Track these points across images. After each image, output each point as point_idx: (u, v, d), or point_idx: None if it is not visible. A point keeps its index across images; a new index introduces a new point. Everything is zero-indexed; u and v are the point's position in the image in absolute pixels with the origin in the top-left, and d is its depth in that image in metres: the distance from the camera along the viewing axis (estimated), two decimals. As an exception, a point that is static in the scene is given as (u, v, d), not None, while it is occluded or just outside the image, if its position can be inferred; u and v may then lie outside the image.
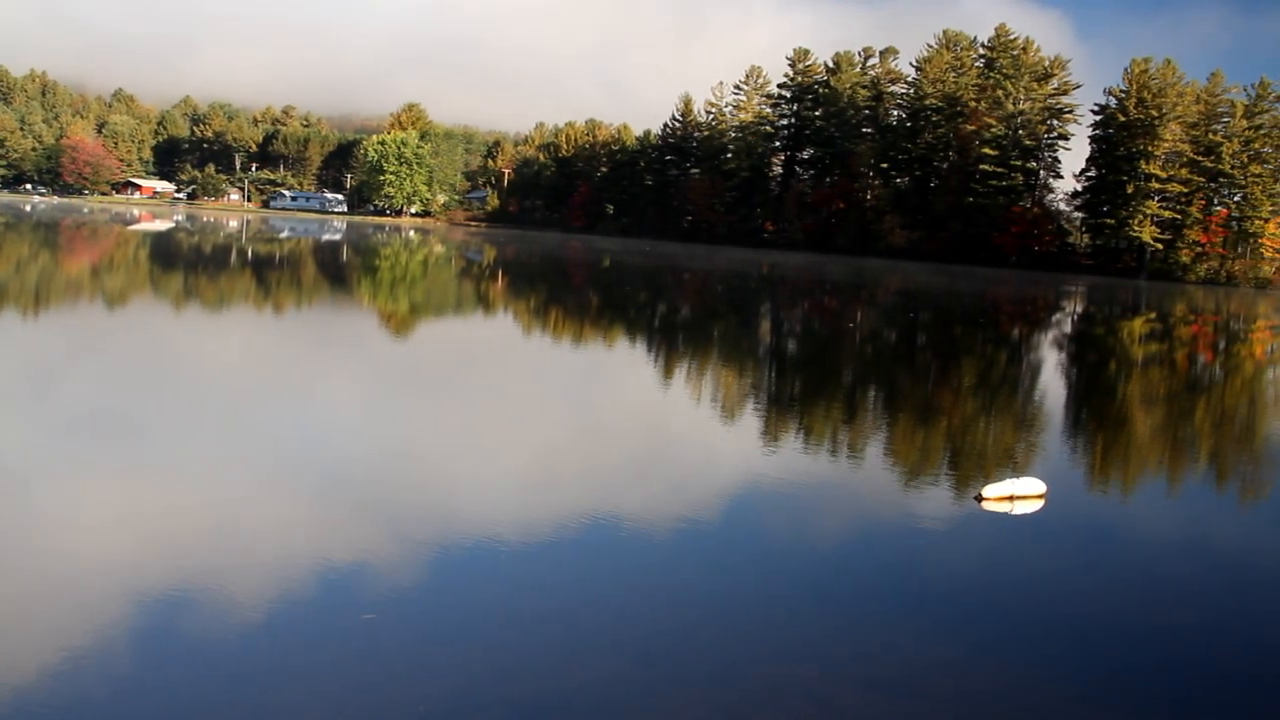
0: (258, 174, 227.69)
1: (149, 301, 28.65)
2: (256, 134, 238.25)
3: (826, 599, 8.24)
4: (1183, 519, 11.98)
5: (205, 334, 22.91)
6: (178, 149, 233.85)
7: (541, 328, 28.95)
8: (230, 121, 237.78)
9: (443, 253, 77.27)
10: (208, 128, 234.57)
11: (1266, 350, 41.05)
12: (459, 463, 12.15)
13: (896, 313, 44.28)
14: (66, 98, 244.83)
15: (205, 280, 36.73)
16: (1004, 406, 19.81)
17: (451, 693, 6.30)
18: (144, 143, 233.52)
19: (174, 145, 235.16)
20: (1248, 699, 6.90)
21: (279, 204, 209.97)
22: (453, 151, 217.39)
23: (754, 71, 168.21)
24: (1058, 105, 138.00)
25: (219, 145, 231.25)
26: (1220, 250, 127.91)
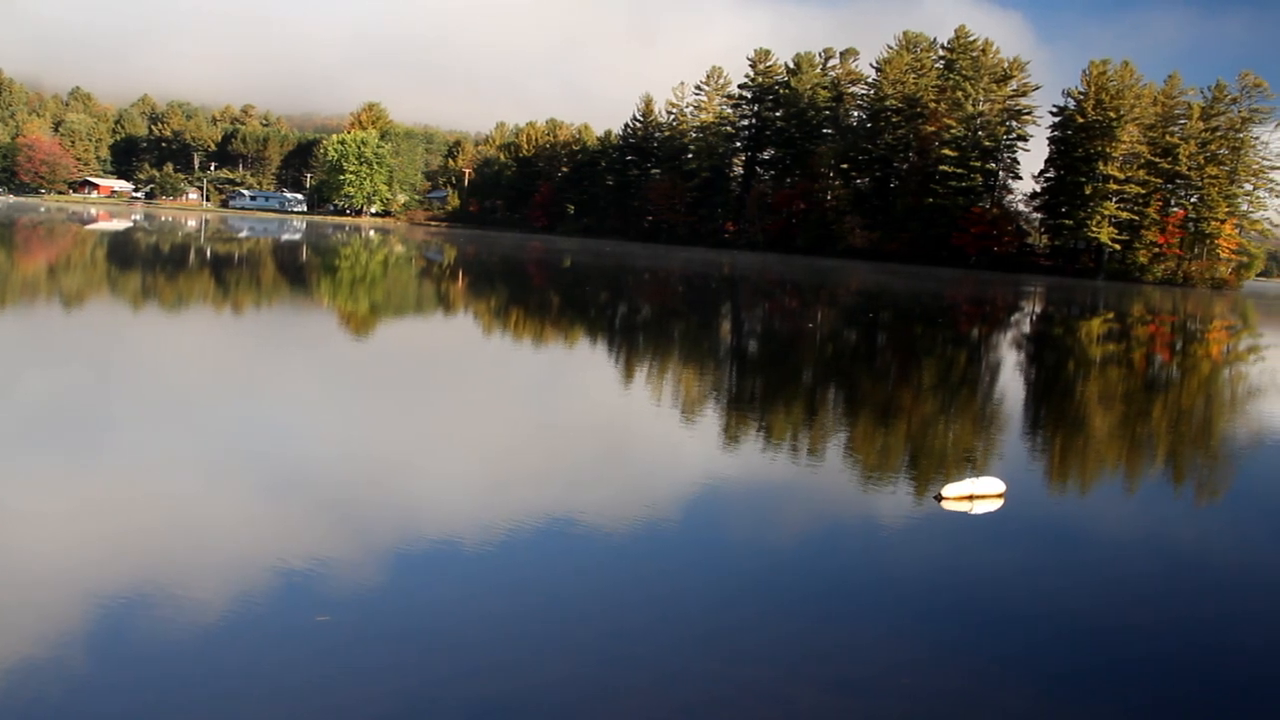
0: (216, 173, 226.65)
1: (105, 301, 28.41)
2: (215, 133, 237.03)
3: (787, 600, 8.20)
4: (1141, 518, 12.01)
5: (162, 334, 22.71)
6: (135, 148, 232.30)
7: (502, 328, 28.85)
8: (189, 120, 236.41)
9: (403, 253, 77.02)
10: (166, 126, 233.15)
11: (1222, 350, 41.33)
12: (417, 463, 12.06)
13: (856, 313, 44.38)
14: (22, 96, 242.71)
15: (163, 280, 36.45)
16: (963, 406, 19.85)
17: (409, 693, 6.23)
18: (101, 141, 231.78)
19: (132, 144, 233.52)
20: (1205, 698, 6.90)
21: (238, 203, 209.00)
22: (413, 151, 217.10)
23: (715, 72, 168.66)
24: (1017, 106, 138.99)
25: (177, 144, 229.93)
26: (1177, 251, 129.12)
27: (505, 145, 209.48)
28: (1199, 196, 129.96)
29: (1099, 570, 9.62)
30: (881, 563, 9.39)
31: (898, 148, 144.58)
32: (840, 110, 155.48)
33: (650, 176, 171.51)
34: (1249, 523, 12.19)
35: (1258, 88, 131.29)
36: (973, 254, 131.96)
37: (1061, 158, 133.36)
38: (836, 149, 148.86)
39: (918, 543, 10.16)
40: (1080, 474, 14.22)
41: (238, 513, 9.54)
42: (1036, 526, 11.08)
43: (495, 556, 8.65)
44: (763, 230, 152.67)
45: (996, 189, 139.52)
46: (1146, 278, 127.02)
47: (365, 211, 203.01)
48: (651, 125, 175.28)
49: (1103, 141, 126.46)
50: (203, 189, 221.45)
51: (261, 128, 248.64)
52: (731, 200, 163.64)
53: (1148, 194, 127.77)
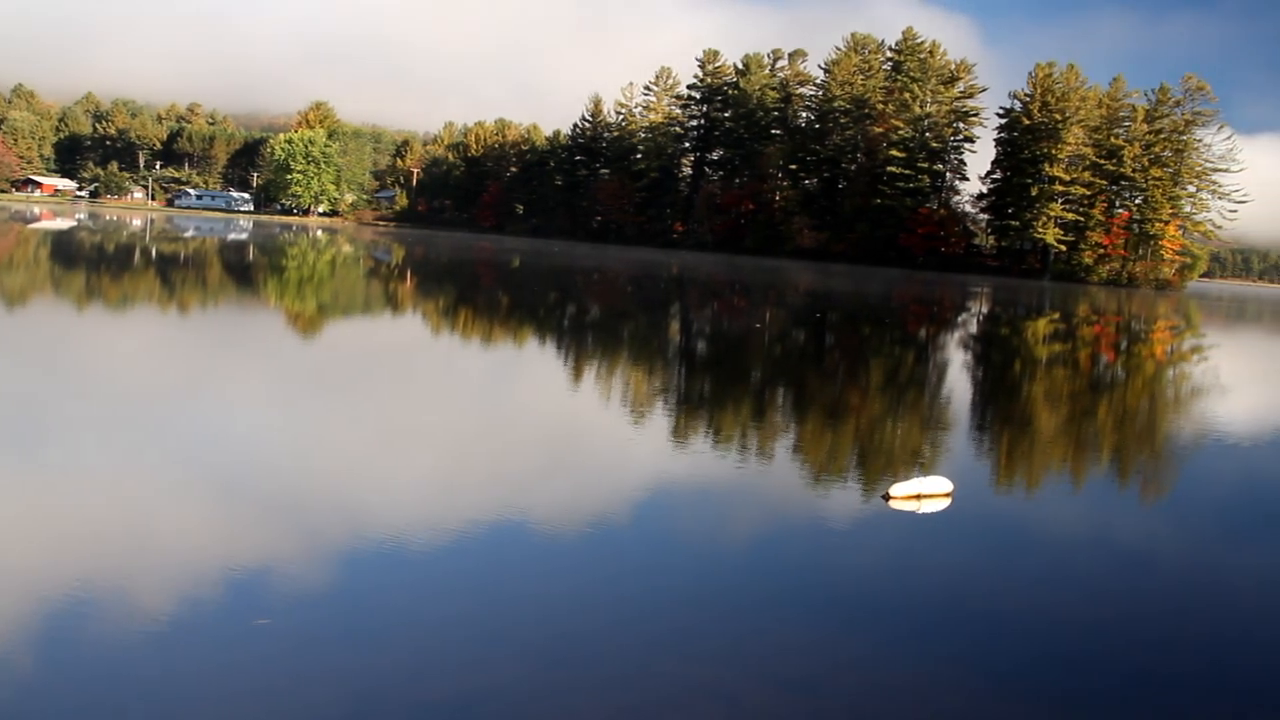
0: (162, 172, 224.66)
1: (47, 301, 28.09)
2: (161, 131, 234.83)
3: (735, 600, 8.18)
4: (1087, 517, 12.06)
5: (105, 334, 22.47)
6: (80, 146, 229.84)
7: (450, 328, 28.72)
8: (134, 118, 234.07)
9: (351, 252, 76.65)
10: (111, 124, 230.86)
11: (1166, 350, 41.69)
12: (363, 465, 11.96)
13: (804, 313, 44.49)
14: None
15: (107, 279, 36.09)
16: (911, 406, 19.90)
17: (354, 696, 6.16)
18: (45, 139, 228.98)
19: (76, 142, 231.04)
20: (1150, 693, 6.93)
21: (184, 202, 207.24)
22: (361, 150, 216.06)
23: (663, 73, 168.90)
24: (964, 108, 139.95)
25: (122, 142, 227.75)
26: (1122, 252, 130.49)
27: (454, 145, 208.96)
28: (1143, 198, 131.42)
29: (1045, 569, 9.66)
30: (829, 562, 9.39)
31: (846, 149, 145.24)
32: (789, 111, 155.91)
33: (599, 177, 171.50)
34: (1194, 520, 12.28)
35: (1200, 91, 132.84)
36: (920, 255, 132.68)
37: (1008, 159, 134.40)
38: (785, 150, 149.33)
39: (865, 542, 10.16)
40: (1027, 473, 14.28)
41: (177, 516, 9.41)
42: (984, 525, 11.11)
43: (443, 559, 8.59)
44: (711, 231, 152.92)
45: (944, 190, 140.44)
46: (1092, 278, 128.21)
47: (312, 211, 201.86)
48: (600, 125, 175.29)
49: (1048, 143, 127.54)
50: (148, 188, 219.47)
51: (208, 126, 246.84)
52: (680, 201, 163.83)
53: (1093, 195, 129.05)
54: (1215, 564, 10.40)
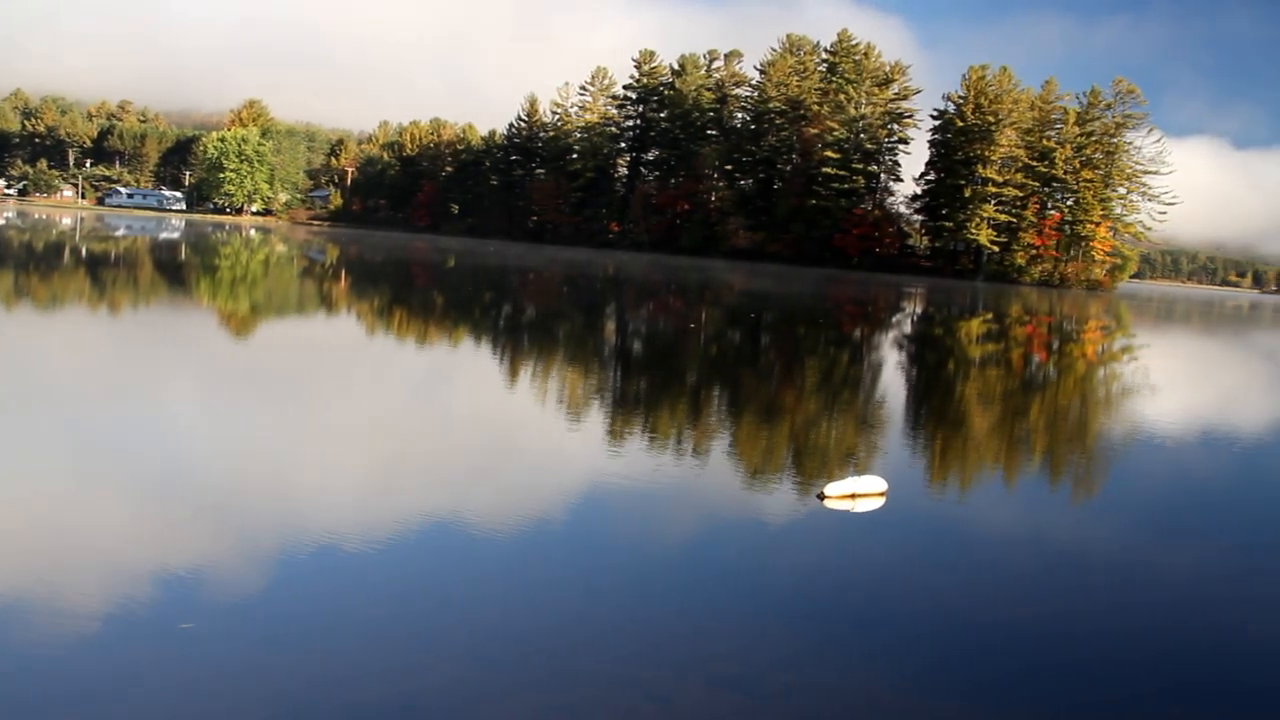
0: (92, 170, 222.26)
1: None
2: (91, 129, 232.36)
3: (669, 600, 8.14)
4: (1020, 516, 12.12)
5: (31, 335, 22.14)
6: (8, 144, 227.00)
7: (384, 328, 28.53)
8: (63, 116, 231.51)
9: (284, 252, 76.05)
10: (39, 122, 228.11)
11: (1097, 350, 42.10)
12: (293, 467, 11.84)
13: (738, 314, 44.57)
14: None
15: (34, 279, 35.58)
16: (845, 406, 19.95)
17: (285, 701, 6.07)
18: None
19: (4, 140, 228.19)
20: (1087, 689, 6.95)
21: (115, 201, 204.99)
22: (295, 149, 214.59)
23: (599, 72, 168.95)
24: (898, 110, 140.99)
25: (51, 140, 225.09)
26: (1054, 253, 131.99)
27: (389, 144, 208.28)
28: (1074, 200, 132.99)
29: (979, 567, 9.69)
30: (765, 562, 9.37)
31: (781, 149, 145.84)
32: (724, 112, 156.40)
33: (535, 176, 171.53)
34: (1125, 518, 12.36)
35: (1131, 94, 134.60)
36: (855, 255, 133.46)
37: (941, 160, 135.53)
38: (720, 150, 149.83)
39: (801, 542, 10.16)
40: (961, 472, 14.34)
41: (101, 520, 9.26)
42: (918, 524, 11.13)
43: (374, 562, 8.49)
44: (647, 231, 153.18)
45: (878, 191, 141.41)
46: (1024, 279, 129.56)
47: (246, 210, 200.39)
48: (536, 125, 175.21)
49: (981, 145, 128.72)
50: (78, 186, 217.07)
51: (139, 124, 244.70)
52: (616, 201, 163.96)
53: (1025, 197, 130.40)
54: (1148, 560, 10.47)
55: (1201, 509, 13.28)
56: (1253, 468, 16.86)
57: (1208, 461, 16.96)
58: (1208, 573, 10.15)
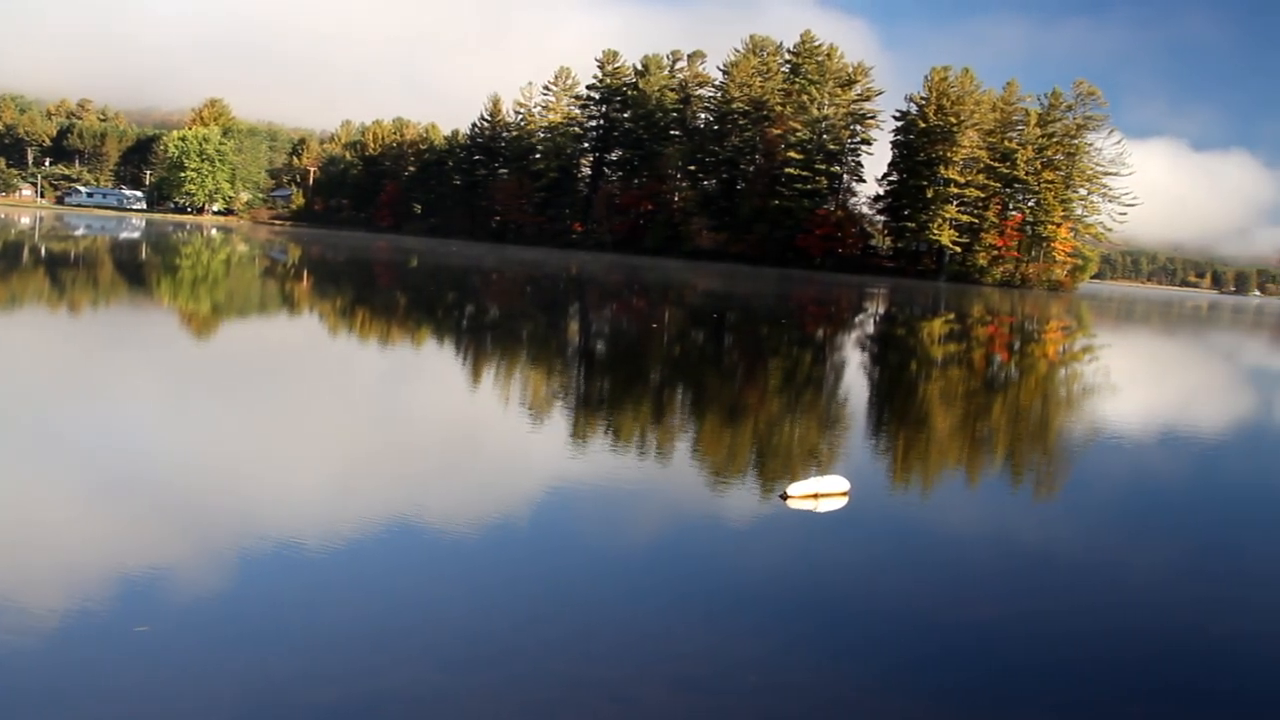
0: (52, 169, 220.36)
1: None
2: (50, 127, 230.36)
3: (633, 601, 8.11)
4: (983, 515, 12.15)
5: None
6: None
7: (347, 329, 28.41)
8: (22, 114, 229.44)
9: (246, 252, 75.65)
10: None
11: (1059, 350, 42.30)
12: (258, 467, 11.75)
13: (701, 314, 44.60)
14: None
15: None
16: (808, 406, 19.97)
17: (247, 703, 6.02)
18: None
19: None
20: (1050, 688, 6.97)
21: (74, 200, 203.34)
22: (256, 148, 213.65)
23: (563, 73, 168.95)
24: (861, 111, 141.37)
25: (10, 139, 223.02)
26: (1015, 254, 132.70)
27: (351, 144, 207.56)
28: (1036, 201, 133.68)
29: (942, 567, 9.69)
30: (728, 563, 9.36)
31: (744, 150, 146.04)
32: (687, 112, 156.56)
33: (498, 176, 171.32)
34: (1087, 517, 12.41)
35: (1091, 95, 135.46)
36: (818, 255, 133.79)
37: (904, 161, 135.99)
38: (684, 151, 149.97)
39: (764, 542, 10.15)
40: (923, 471, 14.36)
41: (59, 521, 9.17)
42: (881, 524, 11.14)
43: (339, 561, 8.44)
44: (610, 231, 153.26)
45: (841, 192, 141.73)
46: (986, 279, 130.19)
47: (207, 210, 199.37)
48: (499, 125, 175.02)
49: (943, 146, 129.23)
50: (37, 185, 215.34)
51: (99, 122, 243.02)
52: (579, 201, 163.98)
53: (987, 198, 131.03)
54: (1110, 560, 10.50)
55: (1162, 508, 13.34)
56: (1212, 467, 16.94)
57: (1168, 461, 17.05)
58: (1170, 573, 10.19)
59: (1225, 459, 18.04)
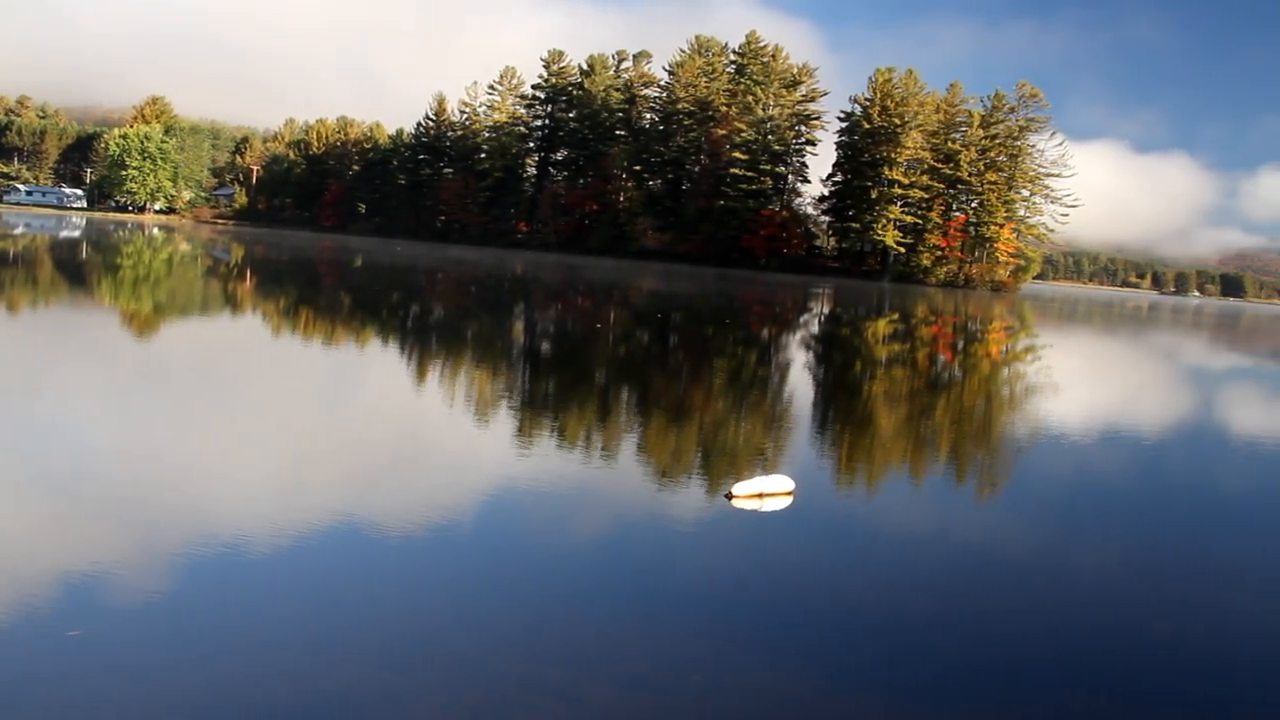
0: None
1: None
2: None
3: (578, 601, 8.09)
4: (927, 513, 12.20)
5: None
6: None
7: (290, 329, 28.21)
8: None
9: (188, 251, 75.02)
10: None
11: (1001, 350, 42.59)
12: (199, 467, 11.64)
13: (646, 314, 44.60)
14: None
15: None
16: (753, 406, 20.00)
17: (186, 702, 5.96)
18: None
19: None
20: (997, 687, 7.00)
21: (13, 198, 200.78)
22: (199, 147, 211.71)
23: (508, 72, 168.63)
24: (806, 112, 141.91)
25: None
26: (959, 254, 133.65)
27: (295, 142, 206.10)
28: (979, 202, 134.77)
29: (887, 565, 9.73)
30: (673, 563, 9.35)
31: (689, 150, 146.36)
32: (633, 112, 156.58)
33: (443, 176, 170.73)
34: (1031, 516, 12.49)
35: (1034, 98, 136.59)
36: (763, 256, 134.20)
37: (849, 162, 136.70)
38: (629, 151, 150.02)
39: (709, 542, 10.15)
40: (868, 471, 14.42)
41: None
42: (825, 523, 11.17)
43: (282, 561, 8.37)
44: (556, 231, 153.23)
45: (786, 192, 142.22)
46: (930, 280, 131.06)
47: (149, 208, 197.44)
48: (444, 124, 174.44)
49: (888, 147, 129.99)
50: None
51: (38, 120, 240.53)
52: (525, 200, 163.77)
53: (930, 199, 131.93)
54: (1055, 557, 10.57)
55: (1104, 507, 13.42)
56: (1154, 465, 17.11)
57: (1110, 459, 17.18)
58: (1113, 573, 10.25)
59: (1166, 457, 18.22)
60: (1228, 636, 8.48)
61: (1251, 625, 8.84)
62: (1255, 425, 23.85)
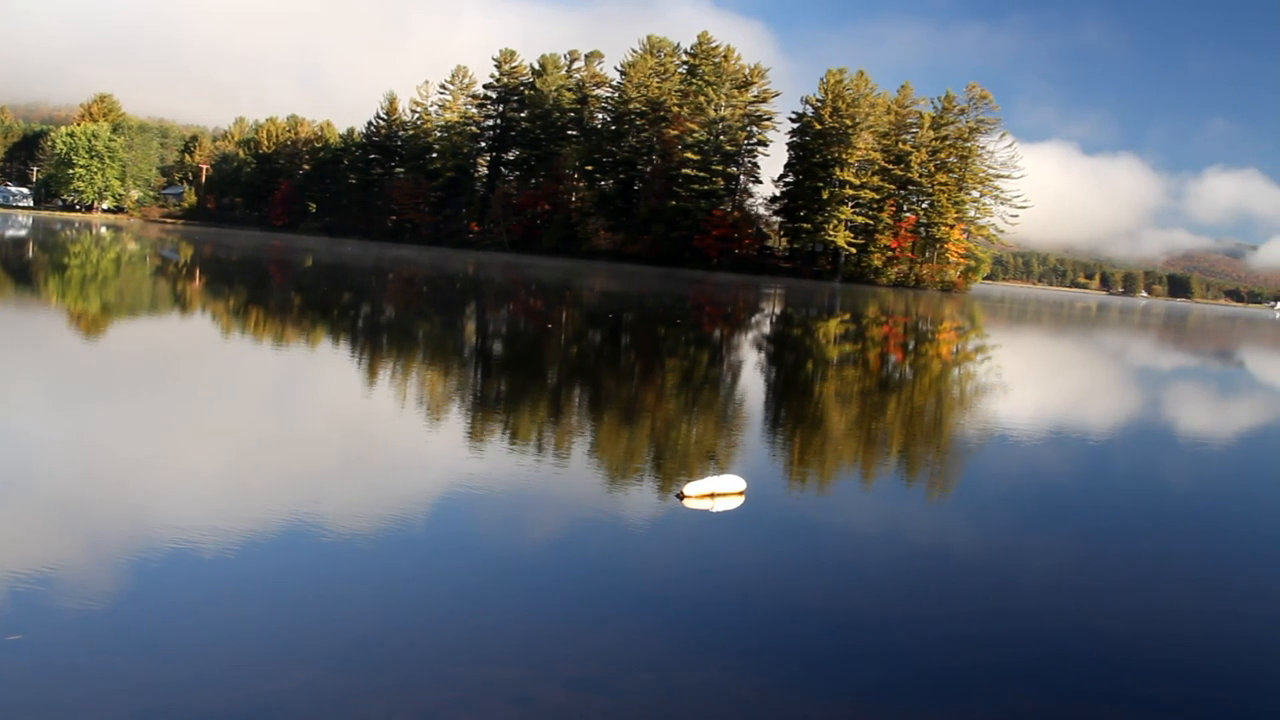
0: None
1: None
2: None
3: (529, 602, 8.07)
4: (878, 513, 12.23)
5: None
6: None
7: (239, 329, 28.02)
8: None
9: (137, 250, 74.38)
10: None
11: (952, 350, 42.79)
12: (141, 468, 11.52)
13: (598, 314, 44.56)
14: None
15: None
16: (705, 406, 20.02)
17: (131, 705, 5.90)
18: None
19: None
20: (944, 686, 7.02)
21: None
22: (147, 145, 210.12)
23: (460, 71, 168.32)
24: (758, 112, 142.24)
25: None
26: (909, 255, 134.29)
27: (244, 141, 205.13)
28: (929, 202, 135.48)
29: (838, 565, 9.75)
30: (625, 563, 9.34)
31: (641, 150, 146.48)
32: (585, 112, 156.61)
33: (394, 176, 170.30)
34: (981, 515, 12.54)
35: (984, 99, 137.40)
36: (714, 256, 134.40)
37: (800, 163, 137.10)
38: (581, 151, 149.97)
39: (660, 542, 10.14)
40: (819, 470, 14.44)
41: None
42: (777, 523, 11.18)
43: (229, 563, 8.30)
44: (507, 231, 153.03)
45: (737, 193, 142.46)
46: (881, 280, 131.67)
47: (96, 207, 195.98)
48: (395, 124, 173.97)
49: (839, 148, 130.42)
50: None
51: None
52: (476, 200, 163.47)
53: (881, 199, 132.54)
54: (1006, 558, 10.62)
55: (1054, 506, 13.50)
56: (1102, 464, 17.22)
57: (1059, 459, 17.28)
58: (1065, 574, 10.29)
59: (1113, 456, 18.34)
60: (1176, 636, 8.54)
61: (1199, 624, 8.90)
62: (1201, 424, 24.06)
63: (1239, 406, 30.17)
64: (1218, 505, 14.56)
